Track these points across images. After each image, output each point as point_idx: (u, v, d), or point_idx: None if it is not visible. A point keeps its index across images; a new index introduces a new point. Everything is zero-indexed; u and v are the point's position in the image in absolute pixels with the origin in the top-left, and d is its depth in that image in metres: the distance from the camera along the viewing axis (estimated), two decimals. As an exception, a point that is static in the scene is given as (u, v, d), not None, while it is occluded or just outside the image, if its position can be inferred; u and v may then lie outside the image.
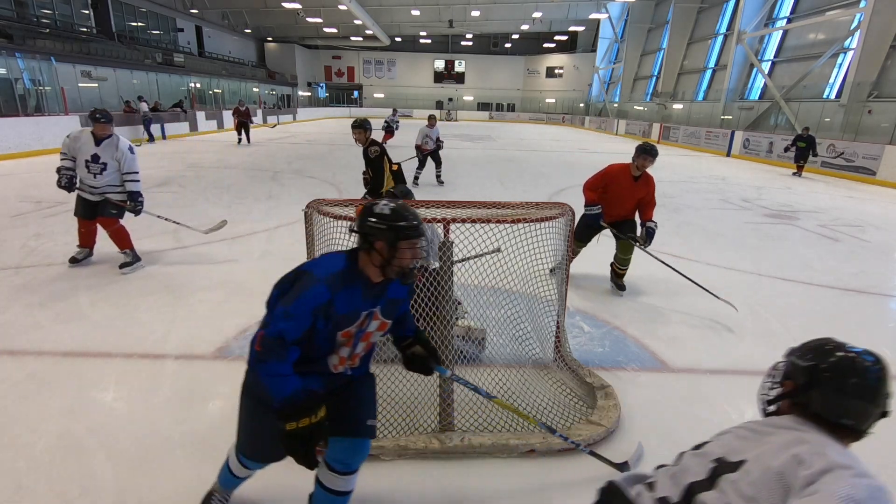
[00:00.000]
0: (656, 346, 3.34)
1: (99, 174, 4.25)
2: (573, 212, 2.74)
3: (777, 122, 18.34)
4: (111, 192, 4.34)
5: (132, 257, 4.45)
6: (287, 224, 6.18)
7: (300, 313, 1.44)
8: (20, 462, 2.12)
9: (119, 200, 4.37)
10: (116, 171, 4.32)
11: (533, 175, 11.28)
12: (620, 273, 4.33)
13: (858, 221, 7.53)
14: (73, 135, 4.31)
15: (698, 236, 6.33)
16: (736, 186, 10.66)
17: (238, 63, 34.18)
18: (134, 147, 4.43)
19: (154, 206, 7.01)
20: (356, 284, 1.54)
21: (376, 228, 1.50)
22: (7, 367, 2.84)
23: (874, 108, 13.99)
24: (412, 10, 31.98)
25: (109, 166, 4.27)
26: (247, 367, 1.62)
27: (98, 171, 4.25)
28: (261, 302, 1.62)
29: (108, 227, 4.40)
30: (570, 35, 39.53)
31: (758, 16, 19.56)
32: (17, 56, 15.36)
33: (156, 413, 2.47)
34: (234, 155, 13.51)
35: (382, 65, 44.82)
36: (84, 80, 18.20)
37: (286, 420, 1.42)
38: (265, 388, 1.45)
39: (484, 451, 2.23)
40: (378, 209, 1.53)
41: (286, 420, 1.42)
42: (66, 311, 3.58)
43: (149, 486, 2.01)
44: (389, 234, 1.49)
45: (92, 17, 22.10)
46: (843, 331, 3.71)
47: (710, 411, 2.62)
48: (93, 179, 4.26)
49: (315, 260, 1.65)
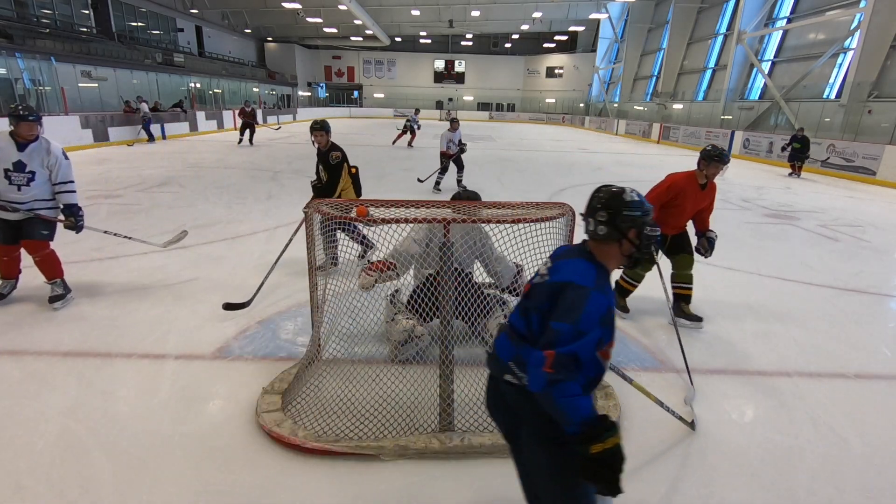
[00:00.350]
0: (656, 346, 3.34)
1: (25, 186, 3.45)
2: (573, 212, 2.73)
3: (777, 123, 18.34)
4: (41, 208, 3.56)
5: (63, 288, 3.73)
6: (287, 224, 6.17)
7: (589, 327, 1.32)
8: (20, 462, 2.12)
9: (52, 217, 3.64)
10: (47, 182, 3.55)
11: (533, 175, 11.28)
12: (687, 293, 3.76)
13: (858, 221, 7.53)
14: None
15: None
16: (736, 186, 10.66)
17: (238, 63, 34.19)
18: (67, 153, 3.74)
19: (154, 206, 7.04)
20: (608, 283, 1.48)
21: (631, 217, 1.45)
22: (7, 367, 2.84)
23: (874, 108, 13.99)
24: (412, 10, 31.98)
25: (38, 175, 3.49)
26: (524, 407, 1.44)
27: (23, 181, 3.44)
28: (261, 302, 1.62)
29: (36, 251, 3.61)
30: (570, 35, 39.53)
31: (758, 16, 19.56)
32: (17, 56, 15.37)
33: (156, 413, 2.47)
34: (234, 155, 13.51)
35: (382, 65, 44.82)
36: (84, 80, 18.20)
37: (590, 442, 1.27)
38: (561, 412, 1.31)
39: (484, 451, 2.23)
40: (627, 197, 1.47)
41: (590, 442, 1.27)
42: (66, 311, 3.58)
43: (149, 486, 2.01)
44: (643, 219, 1.46)
45: (92, 17, 22.10)
46: (842, 330, 3.73)
47: (710, 411, 2.62)
48: (16, 193, 3.44)
49: (558, 267, 1.50)
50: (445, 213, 2.47)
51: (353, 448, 2.18)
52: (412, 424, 2.39)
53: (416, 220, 2.36)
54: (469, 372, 2.76)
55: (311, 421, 2.38)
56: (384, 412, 2.46)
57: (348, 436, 2.28)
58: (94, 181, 8.89)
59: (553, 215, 2.58)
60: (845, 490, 2.11)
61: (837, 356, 3.27)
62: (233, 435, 2.32)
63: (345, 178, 4.69)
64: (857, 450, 2.35)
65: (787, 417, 2.59)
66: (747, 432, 2.47)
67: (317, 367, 2.78)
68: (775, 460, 2.27)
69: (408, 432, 2.32)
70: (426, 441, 2.24)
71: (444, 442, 2.24)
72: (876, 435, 2.46)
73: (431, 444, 2.23)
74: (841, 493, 2.09)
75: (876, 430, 2.50)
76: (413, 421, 2.41)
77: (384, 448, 2.20)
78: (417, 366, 2.85)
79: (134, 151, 13.79)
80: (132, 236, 4.60)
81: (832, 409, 2.67)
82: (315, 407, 2.50)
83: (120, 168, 10.60)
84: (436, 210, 2.55)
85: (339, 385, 2.66)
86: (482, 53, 44.46)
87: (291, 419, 2.36)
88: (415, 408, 2.51)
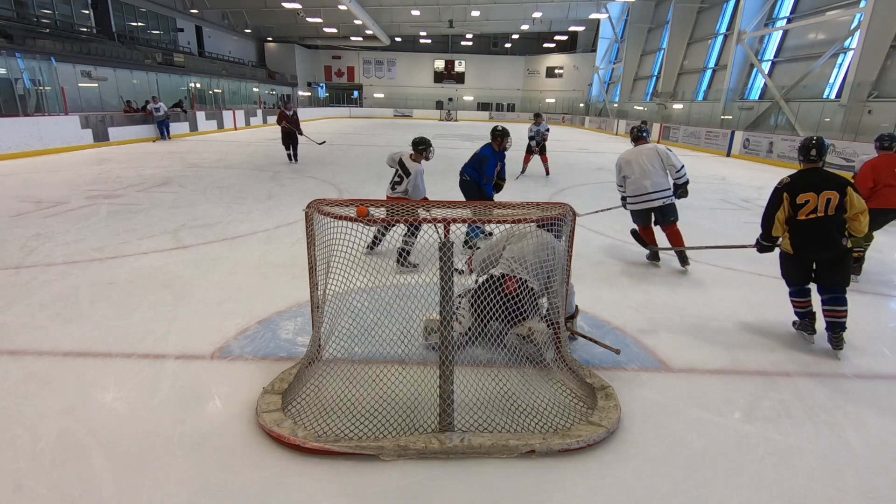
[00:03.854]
0: (656, 346, 3.34)
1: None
2: (574, 212, 2.74)
3: (777, 123, 18.33)
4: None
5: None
6: (287, 224, 6.18)
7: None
8: (20, 462, 2.11)
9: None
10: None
11: (533, 175, 11.28)
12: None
13: (858, 221, 7.52)
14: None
15: (698, 236, 6.32)
16: (736, 186, 10.65)
17: (238, 63, 34.19)
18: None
19: (154, 206, 7.04)
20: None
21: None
22: (7, 367, 2.84)
23: (874, 108, 13.98)
24: (412, 10, 31.97)
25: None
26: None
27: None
28: (261, 302, 1.62)
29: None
30: (570, 35, 39.52)
31: (758, 16, 19.55)
32: (17, 56, 15.37)
33: (156, 413, 2.47)
34: (234, 155, 13.51)
35: (382, 65, 44.82)
36: (84, 80, 18.21)
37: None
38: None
39: (484, 451, 2.23)
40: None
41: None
42: (66, 311, 3.58)
43: (149, 486, 2.01)
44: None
45: (92, 17, 22.10)
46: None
47: (710, 411, 2.62)
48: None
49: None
50: (446, 212, 2.48)
51: (353, 448, 2.18)
52: (412, 424, 2.39)
53: (416, 220, 2.36)
54: (469, 372, 2.76)
55: (311, 421, 2.38)
56: (384, 412, 2.46)
57: (348, 436, 2.28)
58: (94, 181, 8.89)
59: (553, 215, 2.59)
60: (845, 490, 2.11)
61: (837, 356, 3.27)
62: (233, 435, 2.32)
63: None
64: (857, 450, 2.35)
65: (787, 417, 2.59)
66: (747, 432, 2.47)
67: (317, 367, 2.78)
68: (775, 460, 2.27)
69: (408, 432, 2.32)
70: (426, 441, 2.24)
71: (444, 442, 2.24)
72: (876, 435, 2.46)
73: (431, 444, 2.23)
74: (841, 493, 2.09)
75: (876, 430, 2.50)
76: (413, 421, 2.41)
77: (384, 448, 2.20)
78: (417, 366, 2.85)
79: (134, 151, 13.79)
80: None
81: (832, 409, 2.67)
82: (315, 407, 2.50)
83: (120, 168, 10.60)
84: (436, 210, 2.55)
85: (339, 385, 2.66)
86: (482, 53, 44.47)
87: (291, 419, 2.36)
88: (415, 408, 2.51)
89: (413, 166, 4.67)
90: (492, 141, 5.24)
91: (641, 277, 4.68)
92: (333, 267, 2.66)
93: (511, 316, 2.89)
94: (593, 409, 2.53)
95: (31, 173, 9.56)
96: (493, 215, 2.62)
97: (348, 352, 2.92)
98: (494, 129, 5.24)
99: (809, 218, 3.19)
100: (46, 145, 12.42)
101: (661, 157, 4.89)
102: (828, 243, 3.18)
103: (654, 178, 4.81)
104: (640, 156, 4.89)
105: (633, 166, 4.87)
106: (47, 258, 4.65)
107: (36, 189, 7.97)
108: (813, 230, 3.19)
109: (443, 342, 2.29)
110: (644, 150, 4.92)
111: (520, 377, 2.77)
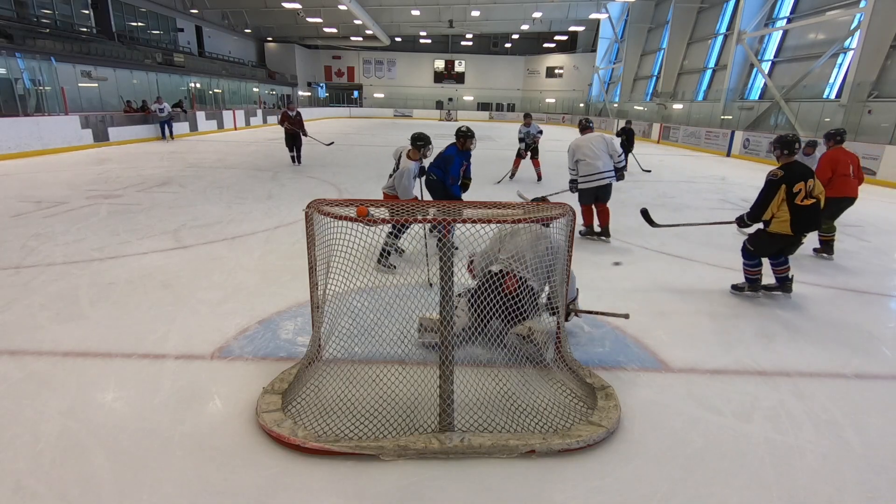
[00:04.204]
0: (656, 346, 3.34)
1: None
2: (574, 212, 2.74)
3: (777, 123, 18.33)
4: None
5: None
6: (287, 224, 6.18)
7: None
8: (20, 462, 2.11)
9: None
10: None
11: (533, 175, 11.29)
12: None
13: (859, 221, 7.52)
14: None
15: (698, 236, 6.32)
16: (736, 186, 10.65)
17: (238, 63, 34.18)
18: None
19: (154, 206, 7.04)
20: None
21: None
22: (7, 367, 2.84)
23: (874, 108, 13.99)
24: (412, 10, 31.97)
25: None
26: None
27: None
28: (261, 302, 1.62)
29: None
30: (570, 35, 39.52)
31: (758, 16, 19.56)
32: (17, 56, 15.37)
33: (156, 413, 2.47)
34: (234, 155, 13.51)
35: (382, 65, 44.83)
36: (84, 80, 18.22)
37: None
38: None
39: (484, 451, 2.23)
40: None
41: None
42: (66, 311, 3.58)
43: (149, 486, 2.01)
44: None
45: (92, 17, 22.11)
46: (842, 330, 3.72)
47: (710, 411, 2.62)
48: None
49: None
50: (446, 213, 2.48)
51: (353, 448, 2.18)
52: (412, 424, 2.39)
53: (416, 220, 2.36)
54: (469, 372, 2.76)
55: (311, 421, 2.38)
56: (384, 412, 2.46)
57: (348, 436, 2.28)
58: (94, 181, 8.89)
59: (553, 215, 2.58)
60: (845, 490, 2.11)
61: (837, 356, 3.27)
62: (233, 435, 2.32)
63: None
64: (857, 450, 2.35)
65: (787, 417, 2.59)
66: (747, 432, 2.47)
67: (317, 367, 2.78)
68: (775, 460, 2.27)
69: (408, 432, 2.32)
70: (426, 441, 2.24)
71: (444, 442, 2.24)
72: (876, 435, 2.46)
73: (431, 444, 2.23)
74: (841, 493, 2.09)
75: (876, 430, 2.50)
76: (413, 421, 2.41)
77: (384, 448, 2.20)
78: (417, 366, 2.85)
79: (134, 151, 13.79)
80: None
81: (832, 409, 2.67)
82: (315, 407, 2.50)
83: (120, 168, 10.60)
84: (436, 210, 2.55)
85: (339, 385, 2.66)
86: (482, 53, 44.47)
87: (291, 419, 2.36)
88: (415, 408, 2.51)
89: (405, 163, 4.49)
90: (456, 140, 5.24)
91: (641, 276, 4.68)
92: (333, 267, 2.65)
93: (511, 315, 2.88)
94: (593, 409, 2.53)
95: (31, 173, 9.56)
96: (493, 215, 2.62)
97: (348, 352, 2.92)
98: (459, 129, 5.26)
99: (805, 203, 3.84)
100: (46, 145, 12.43)
101: (606, 142, 5.67)
102: (818, 222, 4.12)
103: (603, 160, 5.56)
104: (590, 142, 5.65)
105: (585, 150, 5.61)
106: (47, 258, 4.65)
107: (36, 189, 7.97)
108: (811, 212, 3.87)
109: (443, 342, 2.29)
110: (592, 137, 5.70)
111: (520, 377, 2.77)
